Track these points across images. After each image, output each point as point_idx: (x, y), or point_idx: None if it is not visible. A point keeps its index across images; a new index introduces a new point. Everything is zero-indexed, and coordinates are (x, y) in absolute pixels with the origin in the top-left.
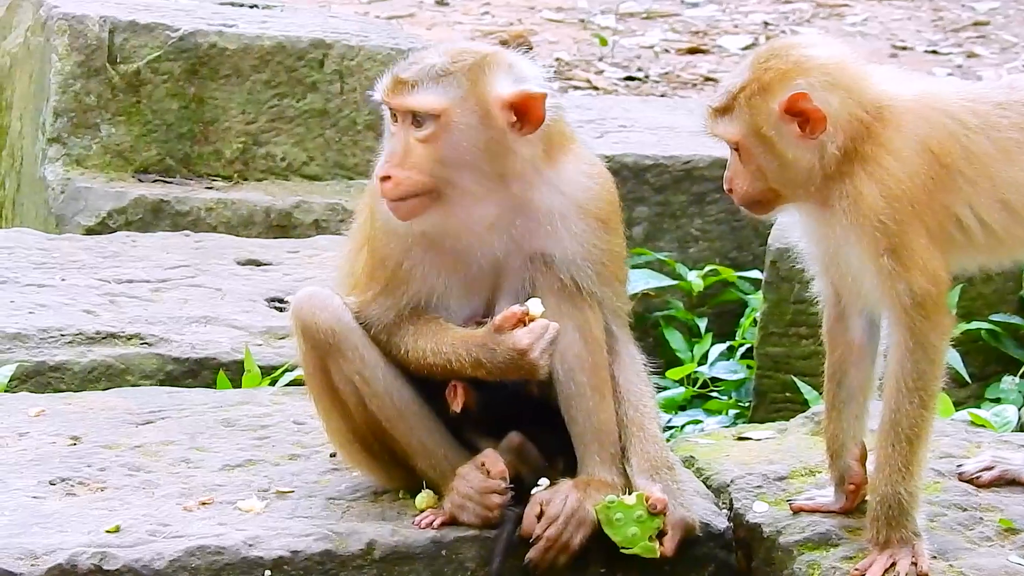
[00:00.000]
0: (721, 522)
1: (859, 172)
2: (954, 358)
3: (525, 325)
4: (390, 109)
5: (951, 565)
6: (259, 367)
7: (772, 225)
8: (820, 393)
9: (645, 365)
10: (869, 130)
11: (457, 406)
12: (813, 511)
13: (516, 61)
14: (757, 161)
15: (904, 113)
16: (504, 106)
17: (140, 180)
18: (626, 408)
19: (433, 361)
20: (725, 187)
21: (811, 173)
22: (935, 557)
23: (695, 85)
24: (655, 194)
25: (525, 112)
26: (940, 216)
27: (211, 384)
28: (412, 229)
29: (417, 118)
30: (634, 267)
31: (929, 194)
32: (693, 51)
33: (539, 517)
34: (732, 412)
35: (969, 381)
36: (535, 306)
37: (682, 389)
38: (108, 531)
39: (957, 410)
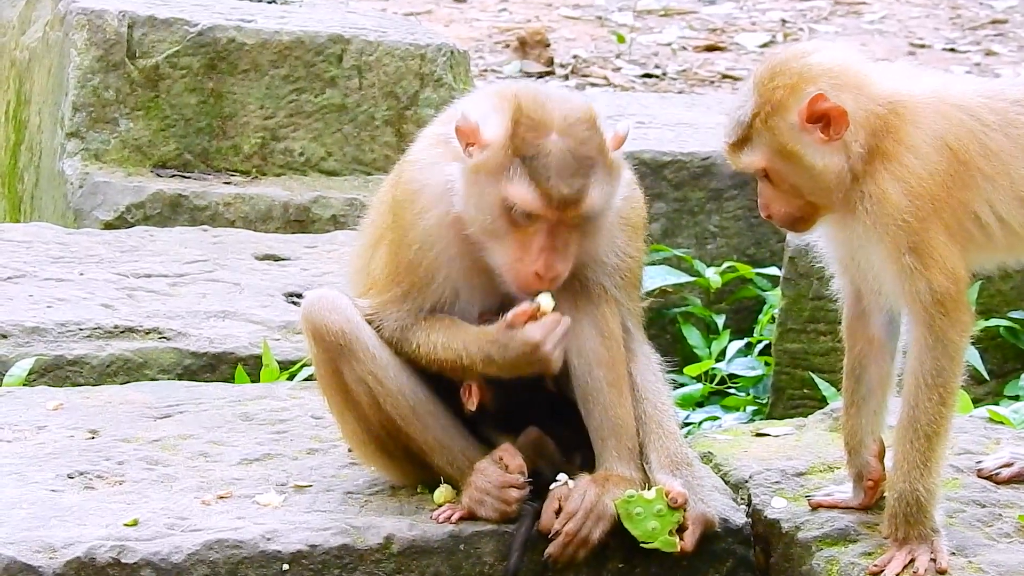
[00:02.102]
0: (740, 518)
1: (881, 171)
2: (973, 355)
3: (536, 320)
4: None
5: (970, 561)
6: (277, 362)
7: None
8: (838, 389)
9: (660, 363)
10: (887, 125)
11: (472, 405)
12: (832, 507)
13: None
14: (789, 180)
15: (920, 109)
16: None
17: (158, 175)
18: (644, 406)
19: (444, 356)
20: (763, 214)
21: (842, 176)
22: (954, 553)
23: (712, 82)
24: (673, 190)
25: None
26: (959, 213)
27: (229, 378)
28: (449, 234)
29: None
30: (652, 264)
31: (948, 191)
32: (710, 48)
33: (558, 512)
34: (750, 408)
35: (988, 378)
36: (545, 300)
37: (700, 385)
38: (126, 524)
39: (976, 407)
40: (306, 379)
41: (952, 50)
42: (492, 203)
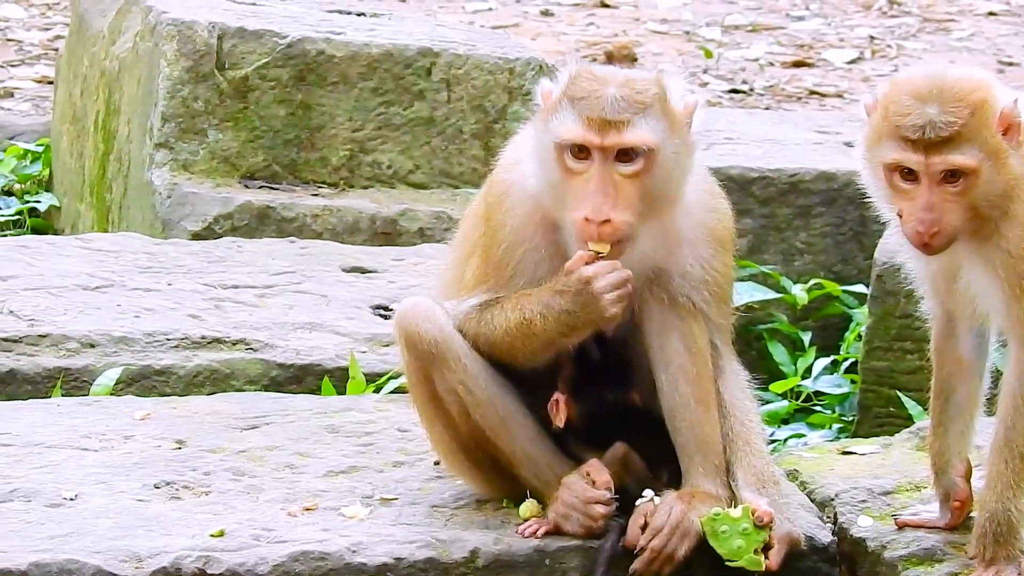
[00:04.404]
0: (825, 536)
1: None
2: None
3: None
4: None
5: None
6: (363, 374)
7: (878, 239)
8: (925, 408)
9: (749, 381)
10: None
11: (560, 421)
12: (918, 527)
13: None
14: (987, 186)
15: None
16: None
17: (246, 186)
18: (732, 423)
19: (514, 321)
20: (927, 230)
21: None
22: None
23: (800, 98)
24: (760, 207)
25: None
26: None
27: (315, 390)
28: (536, 234)
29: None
30: (738, 280)
31: None
32: (798, 64)
33: (643, 528)
34: (835, 426)
35: None
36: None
37: (785, 402)
38: (212, 535)
39: None
40: (392, 392)
41: None
42: (548, 150)
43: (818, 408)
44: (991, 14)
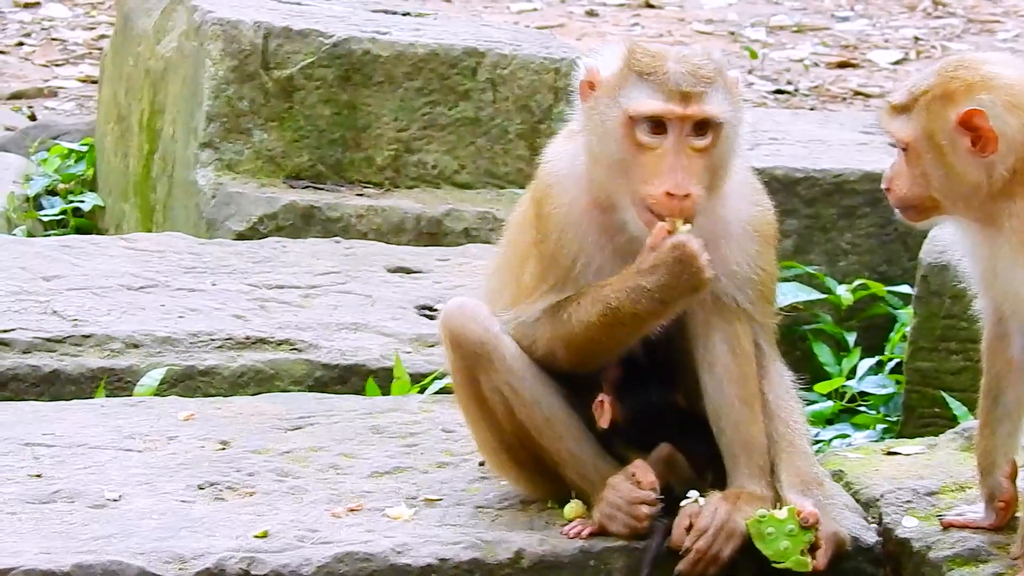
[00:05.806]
0: (870, 536)
1: None
2: None
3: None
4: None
5: None
6: (408, 374)
7: (923, 239)
8: (970, 409)
9: (793, 381)
10: None
11: (604, 422)
12: (963, 527)
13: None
14: (923, 166)
15: None
16: None
17: (291, 186)
18: (776, 424)
19: (595, 313)
20: (883, 185)
21: (976, 190)
22: None
23: (844, 99)
24: (805, 207)
25: None
26: None
27: (360, 391)
28: (585, 220)
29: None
30: (783, 280)
31: None
32: (843, 65)
33: (688, 529)
34: (880, 427)
35: None
36: (683, 228)
37: (830, 403)
38: (256, 536)
39: None
40: (437, 392)
41: None
42: (615, 126)
43: (863, 409)
44: None
